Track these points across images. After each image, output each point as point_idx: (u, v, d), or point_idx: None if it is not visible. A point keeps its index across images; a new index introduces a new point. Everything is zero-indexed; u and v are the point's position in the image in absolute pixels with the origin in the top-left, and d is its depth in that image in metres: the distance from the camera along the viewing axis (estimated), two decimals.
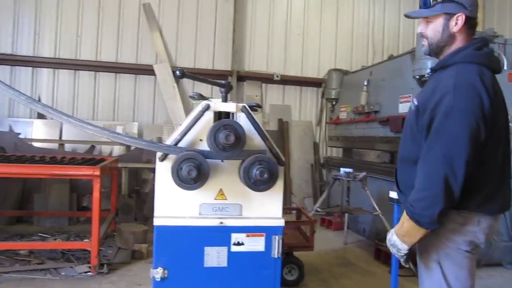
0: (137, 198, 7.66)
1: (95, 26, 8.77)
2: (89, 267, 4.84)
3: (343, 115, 8.28)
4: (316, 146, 9.70)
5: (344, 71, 8.95)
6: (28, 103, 2.80)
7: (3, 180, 6.76)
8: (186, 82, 8.93)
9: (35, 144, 7.84)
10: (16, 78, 8.46)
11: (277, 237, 3.03)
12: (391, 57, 7.70)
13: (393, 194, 3.78)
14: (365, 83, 7.33)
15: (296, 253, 4.92)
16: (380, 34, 10.23)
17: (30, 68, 8.54)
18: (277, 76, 9.45)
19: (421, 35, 2.31)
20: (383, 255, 5.74)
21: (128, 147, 8.04)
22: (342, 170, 6.24)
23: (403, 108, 6.10)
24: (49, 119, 8.21)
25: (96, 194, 4.70)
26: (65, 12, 8.65)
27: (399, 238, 2.17)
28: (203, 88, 8.37)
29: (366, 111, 7.15)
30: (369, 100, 7.21)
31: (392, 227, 2.37)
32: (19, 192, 7.20)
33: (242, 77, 9.34)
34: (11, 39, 8.48)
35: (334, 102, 8.84)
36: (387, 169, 6.45)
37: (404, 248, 2.16)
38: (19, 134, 7.82)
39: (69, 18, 8.67)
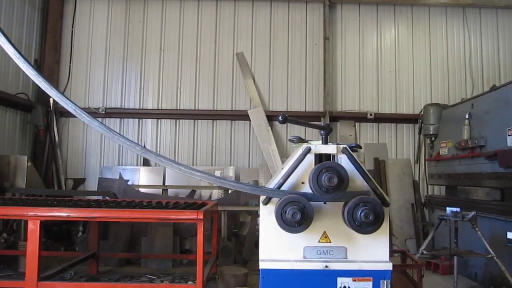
0: (236, 241, 7.79)
1: (193, 78, 9.42)
2: None
3: (444, 151, 7.87)
4: (415, 185, 9.27)
5: (442, 105, 8.57)
6: (143, 153, 3.04)
7: (115, 224, 7.30)
8: (279, 126, 9.11)
9: (141, 190, 8.41)
10: (125, 128, 9.30)
11: (385, 281, 2.90)
12: (493, 88, 7.25)
13: None
14: (467, 117, 6.97)
15: None
16: (478, 65, 9.72)
17: (137, 120, 9.34)
18: (371, 115, 9.32)
19: None
20: None
21: (226, 190, 8.30)
22: (449, 209, 5.84)
23: None
24: (154, 166, 8.81)
25: (200, 237, 4.84)
26: (166, 67, 9.45)
27: None
28: (297, 130, 8.48)
29: (470, 146, 6.76)
30: (472, 134, 6.82)
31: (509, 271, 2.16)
32: (128, 235, 7.69)
33: (335, 117, 9.34)
34: (120, 95, 9.41)
35: (433, 138, 8.47)
36: (499, 208, 5.95)
37: None
38: (128, 180, 8.47)
39: (169, 72, 9.45)
